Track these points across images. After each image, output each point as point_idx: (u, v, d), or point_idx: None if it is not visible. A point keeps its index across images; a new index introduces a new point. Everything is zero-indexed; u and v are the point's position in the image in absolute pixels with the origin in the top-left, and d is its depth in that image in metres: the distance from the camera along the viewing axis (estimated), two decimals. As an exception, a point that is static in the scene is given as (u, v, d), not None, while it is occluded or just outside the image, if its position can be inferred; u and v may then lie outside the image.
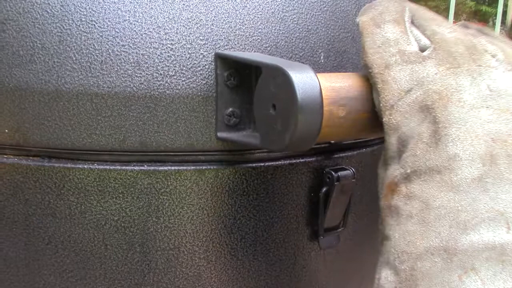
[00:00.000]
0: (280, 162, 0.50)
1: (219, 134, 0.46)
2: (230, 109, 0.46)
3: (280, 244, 0.52)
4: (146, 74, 0.45)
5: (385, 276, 0.36)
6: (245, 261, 0.51)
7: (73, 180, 0.46)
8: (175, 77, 0.45)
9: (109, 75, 0.45)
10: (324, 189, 0.51)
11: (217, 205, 0.48)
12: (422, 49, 0.38)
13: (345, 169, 0.51)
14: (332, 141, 0.51)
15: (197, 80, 0.46)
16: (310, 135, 0.38)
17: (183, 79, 0.46)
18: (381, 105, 0.37)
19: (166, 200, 0.47)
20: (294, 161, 0.50)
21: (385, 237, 0.36)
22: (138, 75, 0.45)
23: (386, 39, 0.38)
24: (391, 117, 0.36)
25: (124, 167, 0.46)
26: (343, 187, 0.51)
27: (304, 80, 0.37)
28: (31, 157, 0.47)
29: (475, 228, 0.31)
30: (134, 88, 0.45)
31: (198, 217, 0.48)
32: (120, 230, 0.47)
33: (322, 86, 0.38)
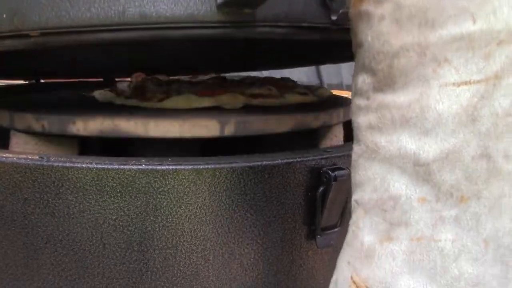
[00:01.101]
0: (277, 162, 0.50)
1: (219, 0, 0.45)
2: None
3: (277, 243, 0.52)
4: None
5: (362, 80, 0.37)
6: (243, 260, 0.51)
7: (71, 179, 0.46)
8: None
9: None
10: (321, 188, 0.51)
11: (214, 204, 0.48)
12: None
13: (342, 169, 0.51)
14: None
15: None
16: None
17: None
18: None
19: (164, 199, 0.47)
20: (291, 160, 0.51)
21: (359, 44, 0.37)
22: None
23: None
24: None
25: (122, 166, 0.46)
26: (340, 187, 0.51)
27: None
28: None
29: (443, 25, 0.33)
30: None
31: (195, 216, 0.48)
32: (118, 229, 0.47)
33: None
